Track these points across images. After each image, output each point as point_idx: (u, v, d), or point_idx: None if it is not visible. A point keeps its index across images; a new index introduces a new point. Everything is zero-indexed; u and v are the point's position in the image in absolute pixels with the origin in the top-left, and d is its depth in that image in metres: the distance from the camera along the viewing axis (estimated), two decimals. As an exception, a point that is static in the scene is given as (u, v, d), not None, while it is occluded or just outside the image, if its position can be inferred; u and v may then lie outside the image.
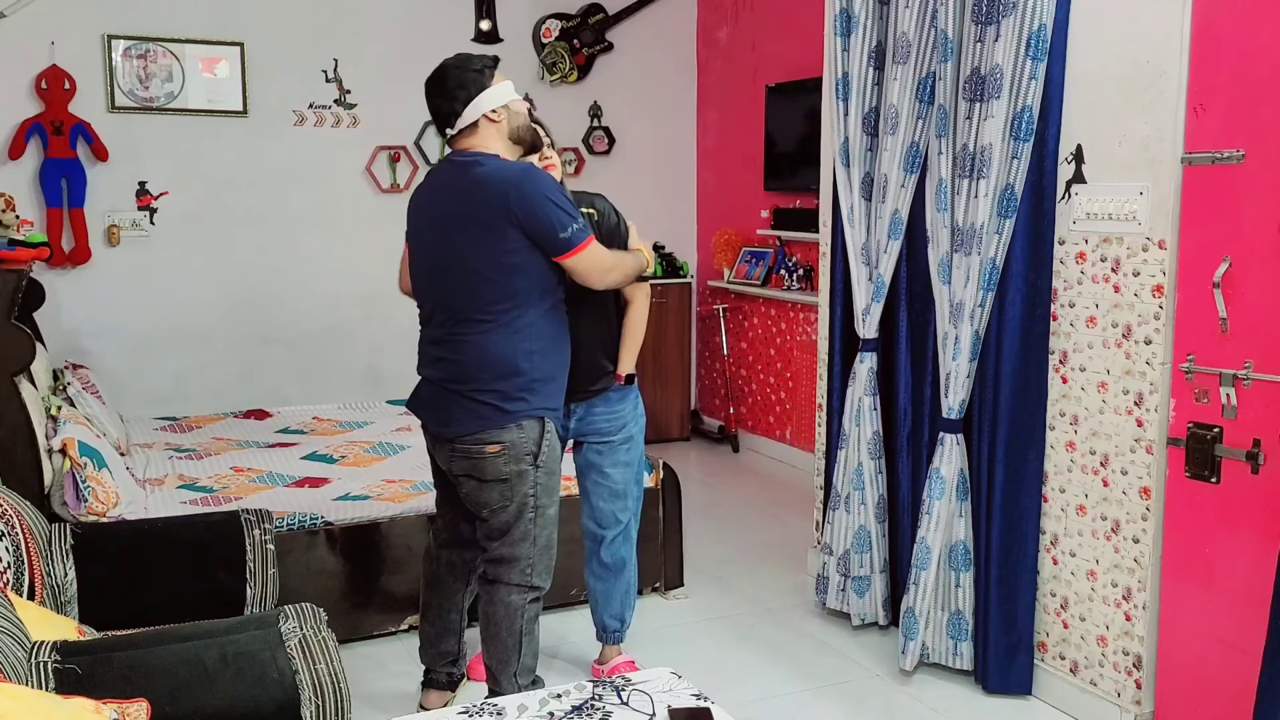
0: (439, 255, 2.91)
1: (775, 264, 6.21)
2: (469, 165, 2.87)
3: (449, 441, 2.93)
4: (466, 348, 2.88)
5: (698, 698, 2.28)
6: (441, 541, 3.21)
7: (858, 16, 3.62)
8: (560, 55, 6.49)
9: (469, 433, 2.88)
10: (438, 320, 2.95)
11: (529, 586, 2.98)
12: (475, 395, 2.86)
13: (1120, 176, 3.01)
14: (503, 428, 2.86)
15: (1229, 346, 2.78)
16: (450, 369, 2.91)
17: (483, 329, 2.85)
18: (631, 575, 3.50)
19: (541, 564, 3.00)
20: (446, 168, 2.96)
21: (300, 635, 2.26)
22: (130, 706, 1.90)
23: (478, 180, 2.84)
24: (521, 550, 2.95)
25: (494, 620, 2.99)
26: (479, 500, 2.94)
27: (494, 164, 2.86)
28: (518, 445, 2.88)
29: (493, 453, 2.87)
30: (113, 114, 5.48)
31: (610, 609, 3.49)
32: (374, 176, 6.09)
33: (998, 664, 3.35)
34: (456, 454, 2.92)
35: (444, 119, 2.93)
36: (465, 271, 2.85)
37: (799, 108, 5.89)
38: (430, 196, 2.98)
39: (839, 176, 3.77)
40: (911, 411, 3.67)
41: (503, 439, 2.86)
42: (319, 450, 4.50)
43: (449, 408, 2.91)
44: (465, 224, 2.84)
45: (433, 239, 2.94)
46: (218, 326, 5.83)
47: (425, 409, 3.01)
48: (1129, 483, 3.05)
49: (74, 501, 3.32)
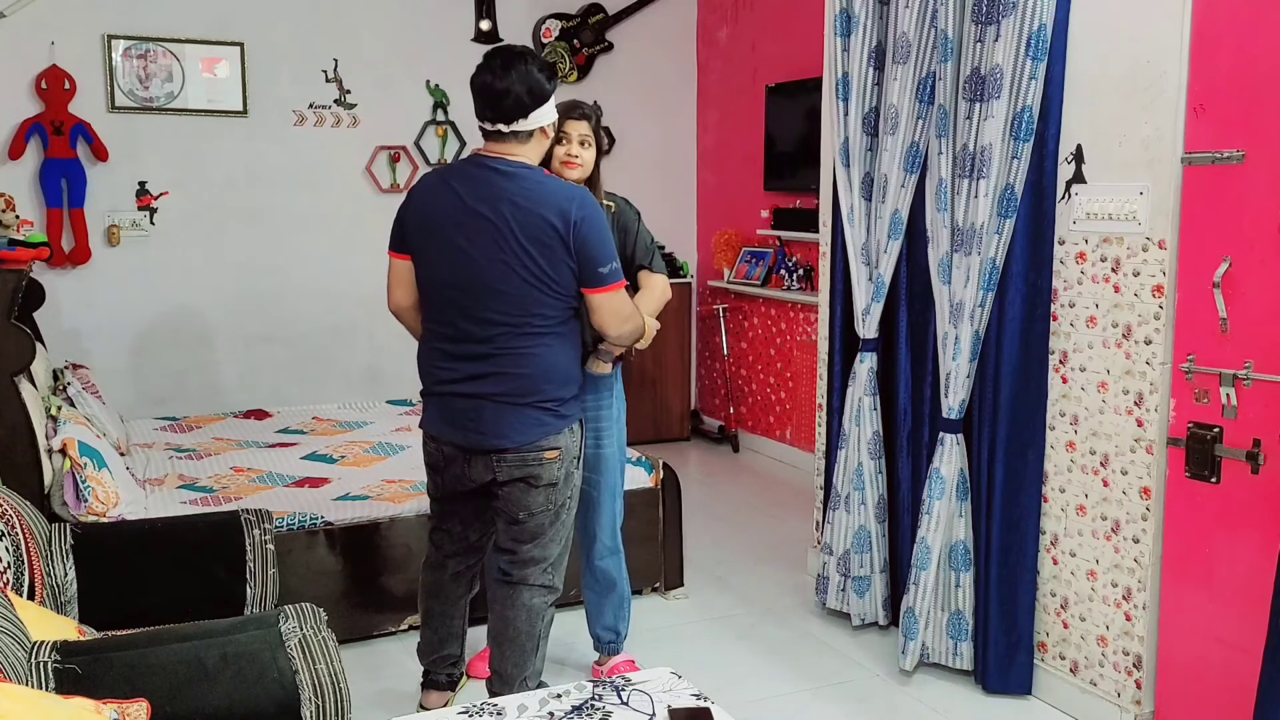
0: (488, 266, 2.75)
1: (775, 264, 6.21)
2: (522, 175, 2.77)
3: (494, 453, 2.84)
4: (530, 360, 2.80)
5: (698, 698, 2.28)
6: (447, 552, 3.14)
7: (858, 16, 3.61)
8: (560, 55, 6.49)
9: (531, 441, 2.83)
10: (485, 335, 2.80)
11: (550, 587, 2.99)
12: (537, 404, 2.83)
13: (1120, 176, 3.01)
14: (559, 433, 2.87)
15: (1229, 346, 2.78)
16: (509, 383, 2.80)
17: (547, 340, 2.82)
18: (623, 590, 3.47)
19: (562, 564, 3.02)
20: (486, 173, 2.78)
21: (300, 635, 2.26)
22: (130, 706, 1.90)
23: (538, 193, 2.75)
24: (550, 551, 2.96)
25: (513, 624, 2.96)
26: (522, 504, 2.89)
27: (548, 178, 2.81)
28: (570, 449, 2.91)
29: (551, 458, 2.86)
30: (113, 114, 5.48)
31: (603, 621, 3.49)
32: (374, 176, 6.09)
33: (998, 664, 3.35)
34: (506, 463, 2.85)
35: (505, 113, 2.74)
36: (529, 284, 2.76)
37: (799, 108, 5.89)
38: (462, 202, 2.78)
39: (839, 176, 3.77)
40: (911, 411, 3.67)
41: (559, 444, 2.87)
42: (319, 450, 4.50)
43: (504, 419, 2.82)
44: (529, 234, 2.73)
45: (478, 249, 2.76)
46: (218, 326, 5.83)
47: (466, 428, 2.86)
48: (1129, 483, 3.05)
49: (74, 501, 3.32)
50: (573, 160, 3.19)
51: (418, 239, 2.88)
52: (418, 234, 2.88)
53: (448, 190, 2.83)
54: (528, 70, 2.74)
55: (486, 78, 2.75)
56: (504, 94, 2.73)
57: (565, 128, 3.19)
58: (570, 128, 3.20)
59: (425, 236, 2.86)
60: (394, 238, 2.97)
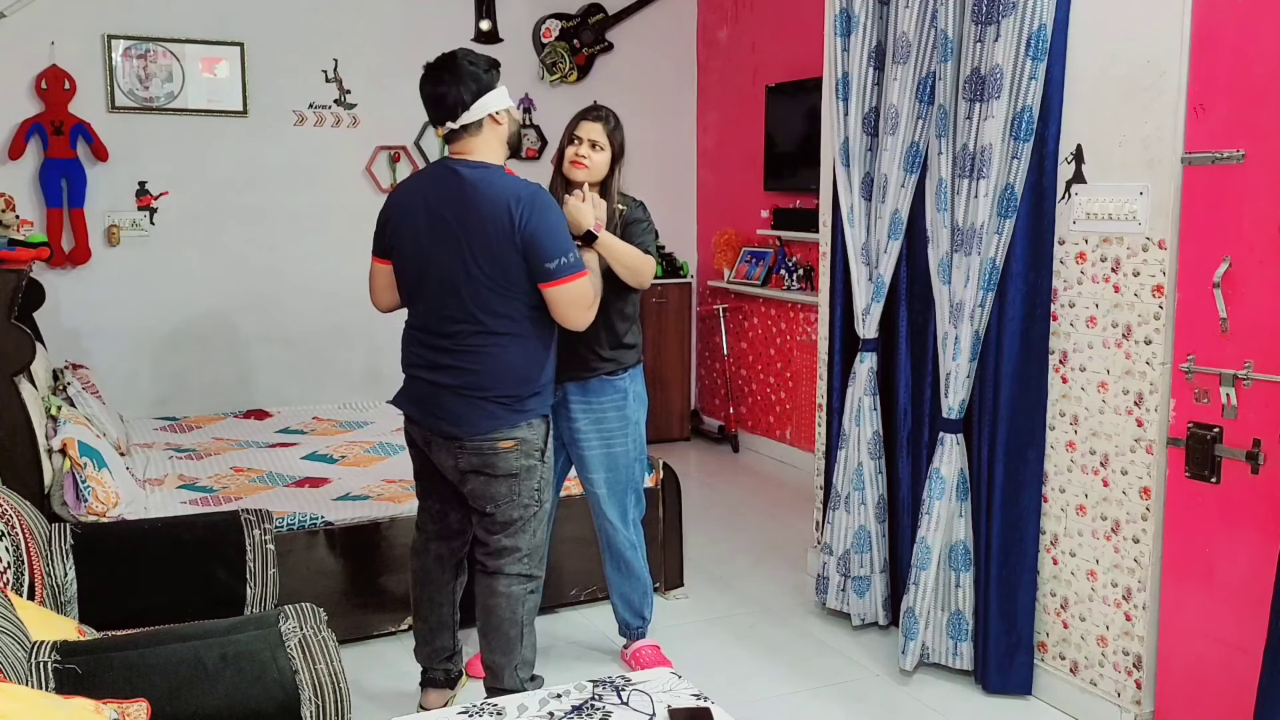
0: (448, 267, 2.86)
1: (775, 264, 6.21)
2: (477, 177, 2.84)
3: (455, 440, 2.93)
4: (485, 359, 2.89)
5: (698, 698, 2.28)
6: (429, 534, 3.19)
7: (858, 16, 3.61)
8: (560, 55, 6.49)
9: (482, 432, 2.90)
10: (447, 331, 2.91)
11: (528, 576, 3.03)
12: (491, 398, 2.90)
13: (1120, 176, 3.01)
14: (515, 425, 2.92)
15: (1229, 346, 2.78)
16: (466, 377, 2.90)
17: (503, 341, 2.89)
18: (645, 579, 3.53)
19: (538, 554, 3.06)
20: (448, 175, 2.90)
21: (300, 635, 2.26)
22: (130, 706, 1.90)
23: (489, 195, 2.81)
24: (522, 540, 3.00)
25: (495, 612, 3.01)
26: (486, 495, 2.95)
27: (503, 177, 2.86)
28: (530, 441, 2.96)
29: (507, 448, 2.91)
30: (113, 114, 5.47)
31: (630, 606, 3.54)
32: (374, 176, 6.09)
33: (998, 664, 3.35)
34: (465, 451, 2.93)
35: (448, 111, 2.86)
36: (482, 286, 2.84)
37: (799, 108, 5.89)
38: (426, 204, 2.91)
39: (839, 176, 3.77)
40: (911, 411, 3.67)
41: (515, 435, 2.92)
42: (319, 450, 4.50)
43: (459, 409, 2.91)
44: (479, 237, 2.81)
45: (439, 251, 2.88)
46: (218, 326, 5.83)
47: (426, 411, 2.99)
48: (1129, 483, 3.05)
49: (74, 501, 3.32)
50: (580, 160, 3.20)
51: (392, 242, 3.01)
52: (392, 237, 3.01)
53: (417, 194, 2.96)
54: (459, 66, 2.85)
55: (427, 87, 2.89)
56: (443, 95, 2.85)
57: (578, 129, 3.25)
58: (583, 129, 3.24)
59: (397, 239, 3.00)
60: (375, 242, 3.10)
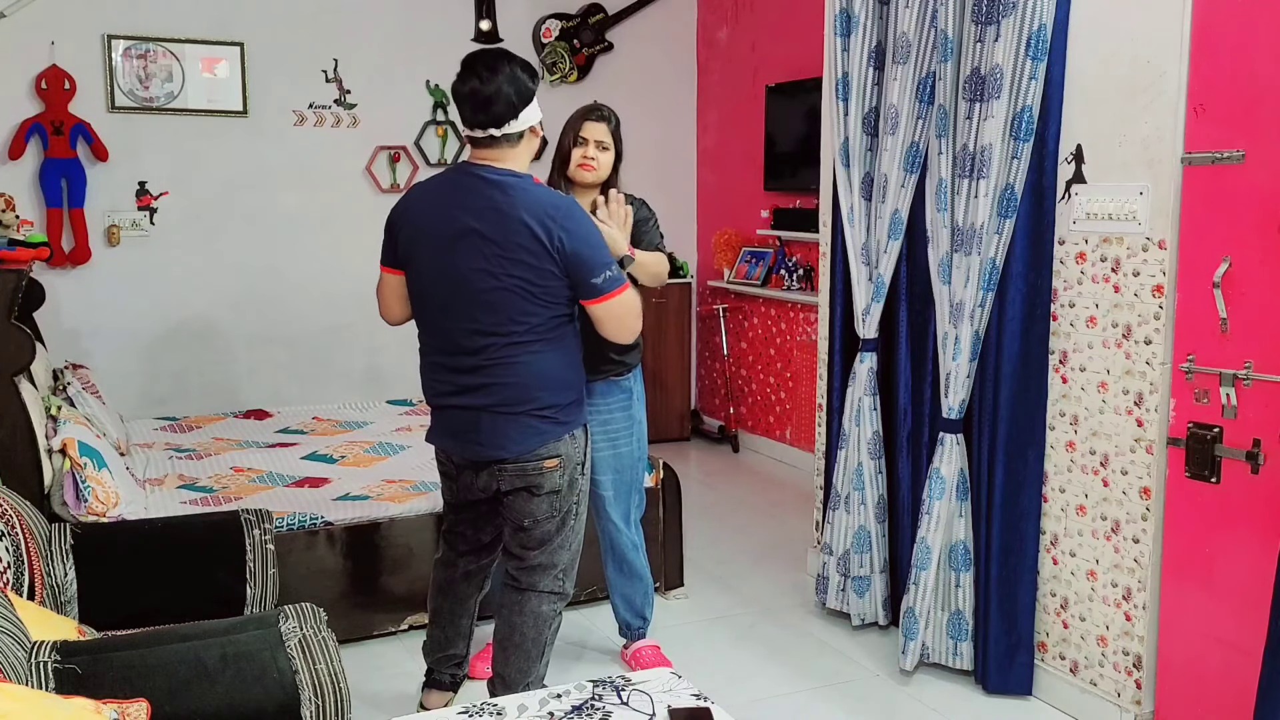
0: (478, 278, 2.72)
1: (775, 264, 6.21)
2: (509, 184, 2.72)
3: (496, 463, 2.84)
4: (520, 370, 2.78)
5: (698, 698, 2.28)
6: (461, 551, 3.13)
7: (858, 16, 3.61)
8: (560, 55, 6.49)
9: (529, 450, 2.82)
10: (475, 346, 2.78)
11: (559, 594, 2.98)
12: (532, 413, 2.80)
13: (1120, 176, 3.01)
14: (559, 440, 2.85)
15: (1229, 346, 2.78)
16: (503, 393, 2.79)
17: (535, 348, 2.78)
18: (647, 579, 3.55)
19: (573, 569, 3.01)
20: (475, 182, 2.75)
21: (300, 635, 2.26)
22: (130, 706, 1.90)
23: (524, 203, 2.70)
24: (559, 557, 2.96)
25: (520, 630, 2.95)
26: (526, 511, 2.89)
27: (535, 186, 2.76)
28: (571, 456, 2.89)
29: (551, 467, 2.84)
30: (113, 114, 5.48)
31: (631, 607, 3.55)
32: (374, 176, 6.09)
33: (998, 664, 3.35)
34: (507, 473, 2.84)
35: (494, 117, 2.69)
36: (517, 295, 2.72)
37: (799, 108, 5.89)
38: (450, 213, 2.76)
39: (839, 176, 3.77)
40: (911, 411, 3.67)
41: (559, 452, 2.85)
42: (319, 450, 4.50)
43: (500, 429, 2.81)
44: (514, 248, 2.69)
45: (467, 261, 2.73)
46: (218, 326, 5.83)
47: (466, 439, 2.86)
48: (1129, 483, 3.05)
49: (74, 501, 3.32)
50: (589, 162, 3.18)
51: (407, 251, 2.86)
52: (407, 246, 2.86)
53: (435, 200, 2.81)
54: (513, 72, 2.71)
55: (474, 83, 2.69)
56: (494, 97, 2.68)
57: (583, 130, 3.18)
58: (588, 130, 3.19)
59: (414, 248, 2.84)
60: (385, 252, 2.94)
